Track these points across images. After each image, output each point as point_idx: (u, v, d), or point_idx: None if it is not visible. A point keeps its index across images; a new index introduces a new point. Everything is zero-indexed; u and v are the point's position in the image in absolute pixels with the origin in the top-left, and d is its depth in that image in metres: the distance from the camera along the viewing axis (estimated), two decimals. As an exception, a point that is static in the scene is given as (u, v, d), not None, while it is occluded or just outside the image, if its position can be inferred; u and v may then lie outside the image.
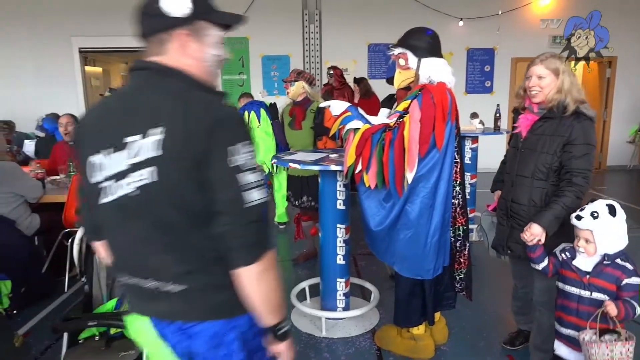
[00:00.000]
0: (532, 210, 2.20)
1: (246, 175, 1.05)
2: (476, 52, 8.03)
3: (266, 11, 7.53)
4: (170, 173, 1.05)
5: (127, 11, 5.81)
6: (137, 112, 1.08)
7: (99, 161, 1.12)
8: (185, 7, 1.10)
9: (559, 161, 2.12)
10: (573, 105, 2.09)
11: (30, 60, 7.60)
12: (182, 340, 1.16)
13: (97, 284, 2.29)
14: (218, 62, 1.20)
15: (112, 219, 1.15)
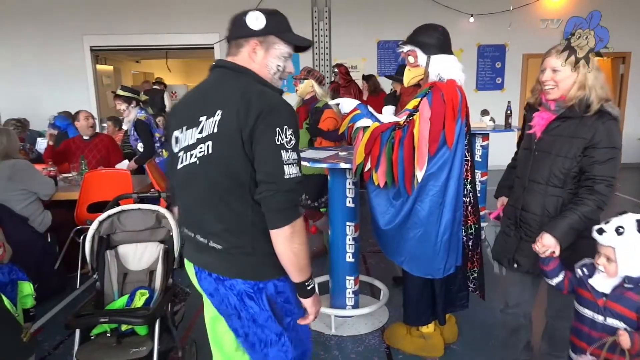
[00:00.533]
0: (544, 220, 1.94)
1: (288, 152, 1.30)
2: (487, 49, 7.96)
3: (276, 7, 7.49)
4: (221, 147, 1.33)
5: (138, 10, 5.97)
6: (210, 98, 1.39)
7: (178, 135, 1.45)
8: (261, 23, 1.43)
9: (578, 166, 1.86)
10: (597, 103, 1.82)
11: (42, 59, 7.69)
12: (219, 289, 1.44)
13: (109, 281, 2.31)
14: (280, 73, 1.49)
15: (181, 182, 1.46)
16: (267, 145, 1.28)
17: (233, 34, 1.47)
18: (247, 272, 1.41)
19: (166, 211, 2.35)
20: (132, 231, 2.36)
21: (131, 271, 2.38)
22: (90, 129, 4.39)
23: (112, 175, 3.76)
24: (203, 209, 1.40)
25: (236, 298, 1.43)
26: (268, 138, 1.28)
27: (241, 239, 1.38)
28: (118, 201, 2.49)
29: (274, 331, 1.47)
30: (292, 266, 1.38)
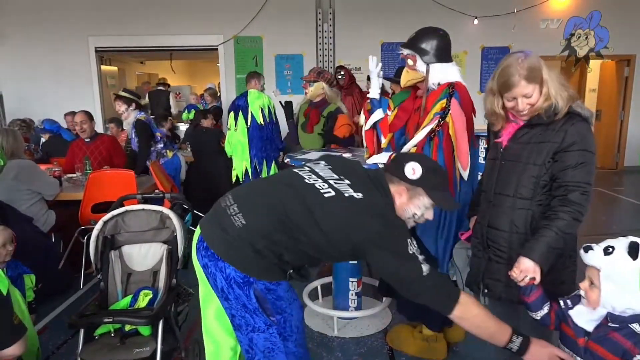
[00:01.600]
0: (514, 238, 1.75)
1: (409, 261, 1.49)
2: (491, 51, 7.94)
3: (280, 10, 7.54)
4: None
5: (143, 11, 5.98)
6: (349, 174, 1.61)
7: (317, 168, 1.66)
8: (414, 176, 1.57)
9: (548, 174, 1.69)
10: (565, 106, 1.67)
11: (48, 60, 7.72)
12: (211, 265, 1.50)
13: (113, 281, 2.32)
14: (413, 218, 1.62)
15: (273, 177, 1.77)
16: None
17: (392, 171, 1.63)
18: (243, 264, 1.47)
19: (170, 212, 2.35)
20: (136, 232, 2.36)
21: (135, 271, 2.38)
22: (84, 133, 4.30)
23: (116, 176, 3.78)
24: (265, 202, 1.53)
25: (225, 281, 1.48)
26: (375, 253, 1.49)
27: (261, 240, 1.47)
28: (122, 202, 2.50)
29: (262, 321, 1.52)
30: (482, 337, 1.52)
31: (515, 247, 1.74)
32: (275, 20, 7.61)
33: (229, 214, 1.52)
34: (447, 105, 2.20)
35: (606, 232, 4.74)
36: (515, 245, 1.75)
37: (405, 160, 1.60)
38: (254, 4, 7.55)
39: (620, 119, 8.26)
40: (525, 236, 1.72)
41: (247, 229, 1.49)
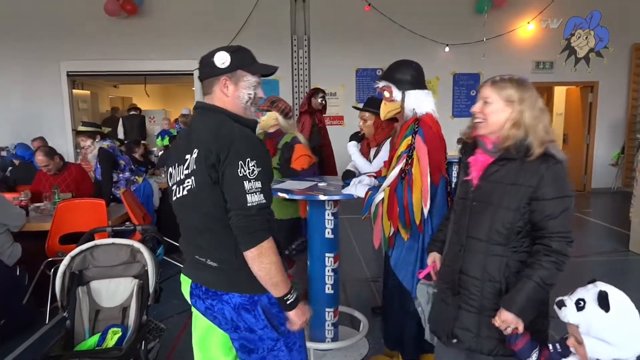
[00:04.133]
0: (487, 286, 1.64)
1: (250, 182, 1.43)
2: (462, 77, 8.18)
3: (255, 36, 7.61)
4: (199, 181, 1.49)
5: (115, 36, 5.95)
6: (192, 137, 1.55)
7: (172, 171, 1.62)
8: (226, 61, 1.56)
9: (523, 220, 1.59)
10: (539, 147, 1.56)
11: (19, 84, 7.58)
12: (215, 304, 1.56)
13: (80, 319, 2.23)
14: (252, 100, 1.62)
15: (178, 211, 1.64)
16: (231, 177, 1.43)
17: (204, 74, 1.61)
18: (241, 286, 1.54)
19: (141, 245, 2.30)
20: (105, 266, 2.29)
21: (104, 308, 2.30)
22: (50, 171, 4.20)
23: (86, 205, 3.68)
24: (197, 232, 1.58)
25: (233, 311, 1.55)
26: (232, 171, 1.43)
27: (231, 257, 1.52)
28: (93, 234, 2.43)
29: (269, 337, 1.59)
30: (266, 283, 1.50)
31: (488, 295, 1.64)
32: (251, 46, 7.60)
33: (202, 262, 1.59)
34: (412, 142, 2.25)
35: (576, 255, 4.85)
36: (488, 293, 1.64)
37: (210, 56, 1.56)
38: (229, 29, 7.61)
39: (587, 142, 8.57)
40: (500, 285, 1.63)
41: (220, 262, 1.55)
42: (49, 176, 4.22)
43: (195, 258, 1.60)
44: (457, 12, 7.92)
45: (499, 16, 7.87)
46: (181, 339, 3.16)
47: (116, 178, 4.37)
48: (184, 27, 7.62)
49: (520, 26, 8.00)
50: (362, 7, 7.68)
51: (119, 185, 4.36)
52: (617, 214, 6.46)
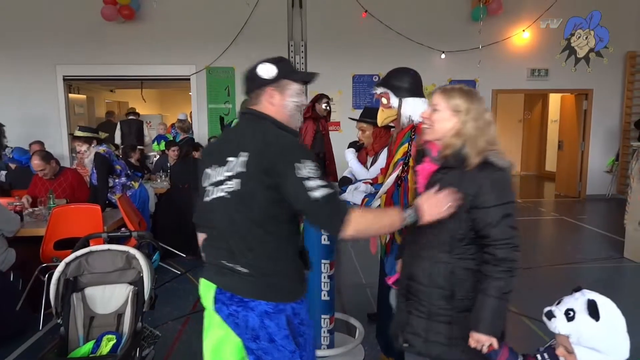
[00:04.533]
0: (434, 293, 1.67)
1: (310, 180, 1.45)
2: (458, 84, 8.20)
3: (252, 41, 7.64)
4: (248, 184, 1.52)
5: (112, 40, 5.92)
6: (237, 141, 1.59)
7: (209, 172, 1.64)
8: (272, 72, 1.61)
9: (465, 228, 1.61)
10: (476, 157, 1.58)
11: (16, 89, 7.55)
12: (239, 311, 1.55)
13: (74, 326, 2.22)
14: (297, 107, 1.67)
15: (209, 213, 1.63)
16: (293, 181, 1.46)
17: (250, 87, 1.66)
18: (269, 294, 1.56)
19: (137, 252, 2.29)
20: (100, 273, 2.28)
21: (98, 315, 2.29)
22: (45, 175, 4.18)
23: (81, 211, 3.66)
24: (230, 236, 1.57)
25: (257, 318, 1.55)
26: (292, 175, 1.46)
27: (264, 264, 1.55)
28: (88, 240, 2.42)
29: (288, 349, 1.59)
30: (385, 232, 1.60)
31: (435, 302, 1.67)
32: (248, 52, 7.67)
33: (230, 267, 1.58)
34: (409, 150, 2.25)
35: (570, 262, 4.87)
36: (435, 300, 1.67)
37: (254, 69, 1.63)
38: (226, 35, 7.63)
39: (581, 149, 8.62)
40: (446, 292, 1.65)
41: (251, 268, 1.55)
42: (45, 181, 4.21)
43: (222, 263, 1.59)
44: (453, 19, 7.98)
45: (494, 24, 7.93)
46: (176, 346, 3.15)
47: (112, 183, 4.36)
48: (181, 32, 7.63)
49: (515, 34, 8.06)
50: (359, 14, 7.72)
51: (115, 190, 4.34)
52: (611, 221, 6.49)
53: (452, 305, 1.64)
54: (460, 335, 1.62)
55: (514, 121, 11.61)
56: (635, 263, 4.81)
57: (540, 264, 4.71)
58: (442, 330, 1.65)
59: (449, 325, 1.65)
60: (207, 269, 1.67)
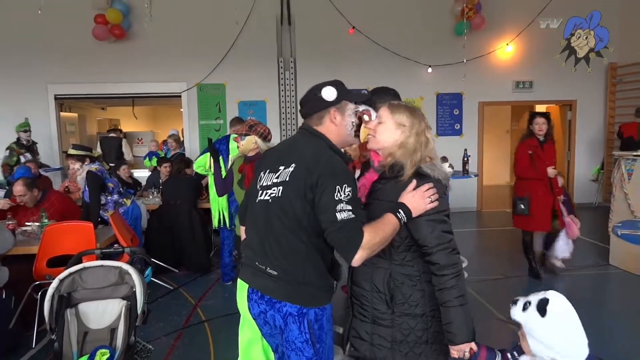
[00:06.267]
0: (374, 297, 1.75)
1: (342, 204, 1.56)
2: (445, 97, 8.38)
3: (243, 58, 7.76)
4: (288, 193, 1.65)
5: (103, 59, 6.05)
6: (290, 152, 1.74)
7: (262, 175, 1.78)
8: (333, 94, 1.74)
9: (400, 236, 1.68)
10: (411, 168, 1.69)
11: (7, 107, 7.58)
12: (268, 310, 1.69)
13: (68, 341, 2.25)
14: (353, 127, 1.81)
15: (254, 213, 1.77)
16: (327, 199, 1.57)
17: (313, 108, 1.77)
18: (295, 297, 1.67)
19: (130, 267, 2.34)
20: (93, 288, 2.33)
21: (92, 330, 2.33)
22: (27, 203, 4.11)
23: (73, 228, 3.70)
24: (266, 239, 1.69)
25: (282, 319, 1.68)
26: (329, 194, 1.57)
27: (294, 269, 1.65)
28: (81, 257, 2.47)
29: (306, 354, 1.69)
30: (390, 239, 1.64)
31: (377, 306, 1.75)
32: (238, 68, 7.81)
33: (262, 269, 1.70)
34: None
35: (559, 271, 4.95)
36: (376, 304, 1.75)
37: (317, 92, 1.74)
38: (216, 52, 7.75)
39: (567, 159, 8.79)
40: (384, 296, 1.73)
41: (281, 272, 1.67)
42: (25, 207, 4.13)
43: (255, 264, 1.72)
44: (439, 34, 8.16)
45: (478, 38, 8.13)
46: (170, 358, 3.18)
47: (104, 200, 4.40)
48: (172, 50, 7.74)
49: (499, 47, 8.26)
50: (346, 30, 7.89)
51: (107, 207, 4.39)
52: (598, 229, 6.61)
53: (392, 310, 1.73)
54: (403, 338, 1.72)
55: (501, 132, 11.80)
56: (620, 270, 4.91)
57: (526, 272, 4.79)
58: (385, 334, 1.74)
59: (391, 329, 1.73)
60: (244, 270, 1.80)
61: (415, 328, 1.72)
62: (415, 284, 1.72)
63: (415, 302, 1.72)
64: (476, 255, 5.78)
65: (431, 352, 1.73)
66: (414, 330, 1.72)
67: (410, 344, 1.71)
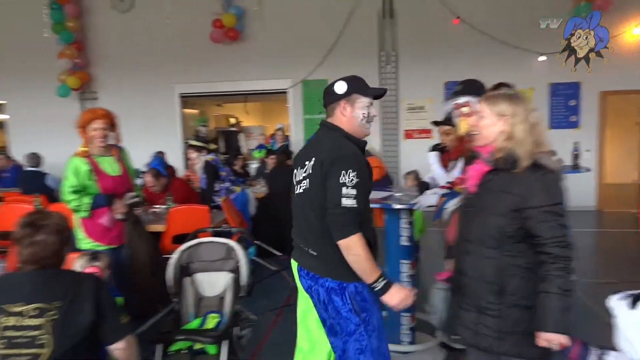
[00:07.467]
0: (483, 287, 1.75)
1: (347, 188, 1.77)
2: (559, 87, 7.79)
3: (345, 54, 7.98)
4: (314, 183, 1.87)
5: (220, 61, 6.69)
6: (312, 148, 1.97)
7: (296, 172, 2.01)
8: (343, 88, 1.92)
9: (514, 226, 1.68)
10: (526, 160, 1.66)
11: (140, 106, 8.67)
12: (313, 285, 1.93)
13: (186, 304, 2.64)
14: (366, 117, 1.96)
15: (295, 206, 2.02)
16: (333, 182, 1.78)
17: (328, 101, 1.99)
18: (334, 273, 1.87)
19: (235, 244, 2.66)
20: (206, 261, 2.69)
21: (205, 297, 2.70)
22: (157, 190, 4.78)
23: (192, 211, 4.21)
24: (305, 226, 1.95)
25: (325, 293, 1.89)
26: (335, 177, 1.78)
27: (331, 249, 1.84)
28: (197, 234, 2.85)
29: (353, 322, 1.88)
30: (357, 270, 1.82)
31: (484, 296, 1.75)
32: (340, 64, 8.04)
33: (306, 250, 1.95)
34: None
35: None
36: (484, 294, 1.75)
37: (332, 86, 1.93)
38: (320, 49, 8.07)
39: None
40: (495, 287, 1.73)
41: (320, 252, 1.89)
42: (183, 184, 4.93)
43: (301, 246, 1.99)
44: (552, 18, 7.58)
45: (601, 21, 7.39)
46: (271, 333, 3.49)
47: (217, 187, 4.92)
48: (280, 49, 8.23)
49: (626, 30, 7.45)
50: (449, 20, 7.69)
51: (220, 193, 4.90)
52: None
53: (502, 300, 1.72)
54: (510, 329, 1.71)
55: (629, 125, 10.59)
56: None
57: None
58: (492, 324, 1.74)
59: (498, 319, 1.73)
60: (294, 251, 2.07)
61: (522, 319, 1.70)
62: (526, 275, 1.70)
63: (526, 294, 1.70)
64: (591, 256, 5.36)
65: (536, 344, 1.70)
66: (522, 322, 1.71)
67: (516, 334, 1.70)
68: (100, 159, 3.10)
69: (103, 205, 3.04)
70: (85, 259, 2.35)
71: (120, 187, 3.14)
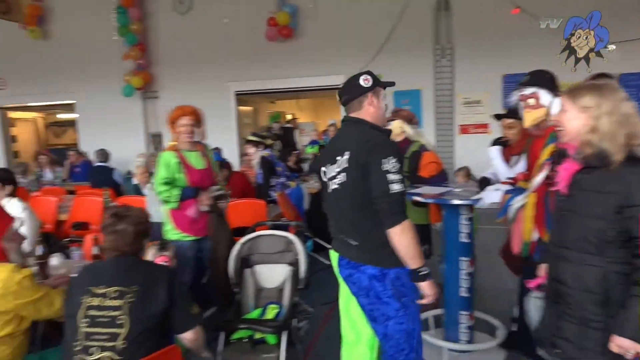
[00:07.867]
0: (585, 297, 1.60)
1: (392, 174, 1.85)
2: (631, 77, 7.30)
3: (397, 49, 7.88)
4: (351, 176, 1.93)
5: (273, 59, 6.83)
6: (341, 143, 2.04)
7: (325, 170, 2.08)
8: (370, 82, 2.04)
9: (615, 229, 1.53)
10: (618, 154, 1.51)
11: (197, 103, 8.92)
12: (354, 272, 2.01)
13: (246, 295, 2.73)
14: (387, 107, 2.14)
15: (331, 202, 2.08)
16: (377, 172, 1.85)
17: (353, 94, 2.06)
18: (375, 260, 1.96)
19: (294, 237, 2.71)
20: (266, 253, 2.76)
21: (265, 288, 2.78)
22: None
23: (249, 205, 4.34)
24: (345, 218, 2.02)
25: (367, 280, 1.97)
26: (377, 167, 1.84)
27: (371, 238, 1.94)
28: (255, 227, 2.94)
29: (393, 307, 1.97)
30: (404, 256, 1.89)
31: (587, 306, 1.61)
32: (393, 59, 7.95)
33: (346, 241, 2.03)
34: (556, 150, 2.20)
35: None
36: (586, 304, 1.61)
37: (356, 80, 2.03)
38: (372, 44, 8.01)
39: None
40: (599, 296, 1.58)
41: (360, 241, 1.98)
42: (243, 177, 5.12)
43: (341, 237, 2.07)
44: (622, 5, 7.13)
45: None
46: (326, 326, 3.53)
47: (273, 182, 5.03)
48: (332, 45, 8.24)
49: None
50: (507, 11, 7.39)
51: (275, 188, 5.01)
52: None
53: (608, 312, 1.58)
54: None
55: None
56: None
57: None
58: (597, 337, 1.59)
59: (604, 332, 1.57)
60: (333, 242, 2.15)
61: None
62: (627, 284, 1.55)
63: None
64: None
65: None
66: None
67: None
68: (188, 154, 3.25)
69: (190, 197, 3.15)
70: (155, 249, 2.48)
71: (205, 180, 3.27)
